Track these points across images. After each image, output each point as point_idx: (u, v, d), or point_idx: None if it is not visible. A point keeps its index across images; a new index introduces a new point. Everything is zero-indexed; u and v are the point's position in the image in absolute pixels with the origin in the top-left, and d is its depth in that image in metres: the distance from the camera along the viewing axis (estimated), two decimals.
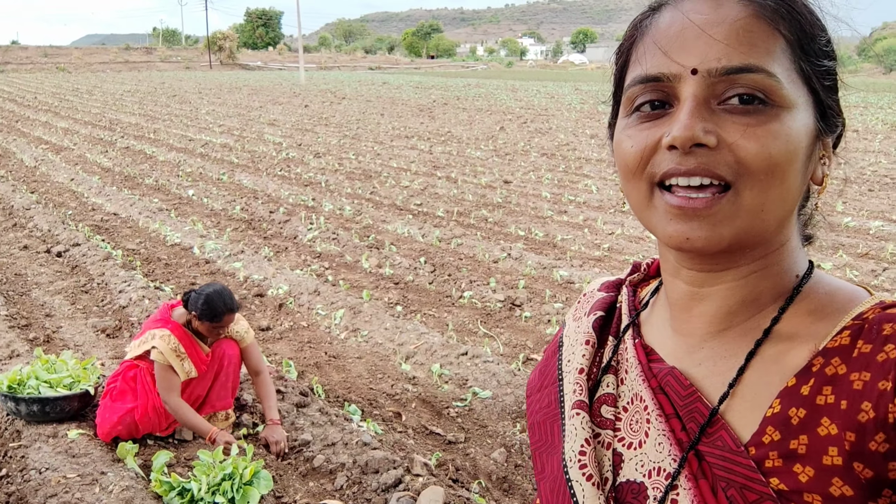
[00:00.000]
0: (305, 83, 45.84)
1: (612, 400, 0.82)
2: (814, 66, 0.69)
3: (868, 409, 0.61)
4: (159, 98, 30.28)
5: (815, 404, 0.65)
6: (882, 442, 0.60)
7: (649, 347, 0.83)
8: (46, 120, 20.38)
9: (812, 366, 0.67)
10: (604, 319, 0.91)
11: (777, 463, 0.65)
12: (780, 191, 0.68)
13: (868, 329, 0.66)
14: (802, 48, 0.68)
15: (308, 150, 14.82)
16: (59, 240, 7.68)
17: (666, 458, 0.73)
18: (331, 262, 7.09)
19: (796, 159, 0.68)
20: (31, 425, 3.77)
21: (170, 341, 3.68)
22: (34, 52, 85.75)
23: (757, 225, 0.68)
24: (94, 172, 11.94)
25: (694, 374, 0.76)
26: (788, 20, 0.68)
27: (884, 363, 0.62)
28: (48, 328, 5.38)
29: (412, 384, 4.60)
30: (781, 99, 0.66)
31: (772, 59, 0.66)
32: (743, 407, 0.71)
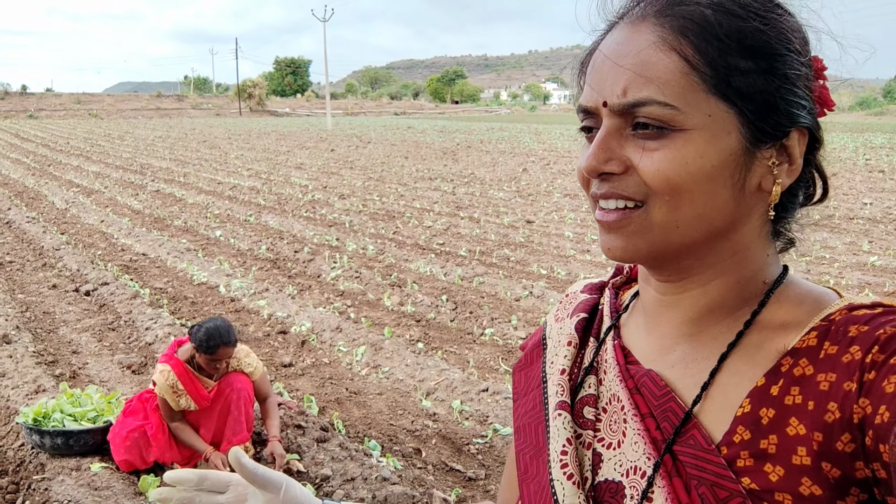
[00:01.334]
0: (332, 128, 46.62)
1: (593, 401, 0.83)
2: (732, 80, 0.68)
3: (834, 409, 0.62)
4: (190, 143, 30.96)
5: (784, 404, 0.66)
6: (848, 442, 0.61)
7: (627, 349, 0.84)
8: (78, 164, 20.90)
9: (781, 366, 0.68)
10: (586, 321, 0.92)
11: (748, 462, 0.66)
12: (692, 209, 0.70)
13: (834, 330, 0.67)
14: (714, 66, 0.68)
15: (333, 192, 15.02)
16: (88, 279, 7.83)
17: (642, 457, 0.74)
18: (353, 299, 7.13)
19: (704, 179, 0.69)
20: (55, 458, 3.81)
21: (168, 377, 3.80)
22: (67, 98, 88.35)
23: (675, 239, 0.72)
24: (125, 214, 12.18)
25: (668, 376, 0.77)
26: (696, 40, 0.69)
27: (849, 364, 0.63)
28: (74, 364, 5.46)
29: (433, 420, 4.58)
30: (682, 123, 0.68)
31: (669, 88, 0.68)
32: (714, 407, 0.72)
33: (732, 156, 0.70)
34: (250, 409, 4.00)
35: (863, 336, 0.64)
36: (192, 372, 3.86)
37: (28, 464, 3.84)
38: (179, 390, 3.80)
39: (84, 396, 4.11)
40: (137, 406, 3.94)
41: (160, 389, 3.79)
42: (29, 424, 3.80)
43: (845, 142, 31.11)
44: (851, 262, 8.50)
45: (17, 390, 4.67)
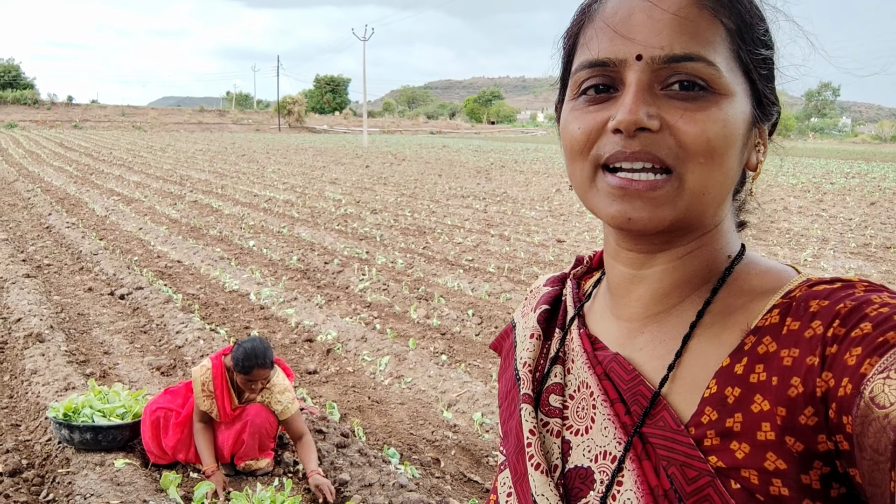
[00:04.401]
0: (368, 145, 47.08)
1: (559, 389, 0.84)
2: (752, 55, 0.71)
3: (797, 384, 0.63)
4: (229, 157, 31.50)
5: (749, 382, 0.67)
6: (811, 416, 0.62)
7: (594, 336, 0.84)
8: (120, 174, 21.39)
9: (744, 345, 0.69)
10: (549, 313, 0.92)
11: (715, 441, 0.67)
12: (720, 174, 0.70)
13: (796, 306, 0.67)
14: (742, 37, 0.70)
15: (365, 206, 15.15)
16: (123, 283, 7.99)
17: (611, 441, 0.74)
18: (380, 311, 7.18)
19: (734, 144, 0.70)
20: (81, 453, 3.88)
21: (204, 373, 3.82)
22: (112, 110, 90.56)
23: (698, 207, 0.71)
24: (162, 223, 12.43)
25: (636, 359, 0.78)
26: (730, 9, 0.70)
27: (811, 339, 0.64)
28: (105, 364, 5.57)
29: (453, 431, 4.58)
30: (721, 86, 0.69)
31: (712, 48, 0.68)
32: (683, 388, 0.72)
33: (747, 126, 0.73)
34: (268, 440, 3.96)
35: (824, 311, 0.65)
36: (228, 381, 3.89)
37: (54, 458, 3.93)
38: (209, 391, 3.84)
39: (112, 393, 4.19)
40: (180, 388, 4.01)
41: (193, 380, 3.85)
42: (59, 419, 3.88)
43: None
44: None
45: (48, 387, 4.78)
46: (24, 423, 4.46)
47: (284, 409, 3.89)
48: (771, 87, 0.75)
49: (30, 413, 4.57)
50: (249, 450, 3.86)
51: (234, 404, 3.90)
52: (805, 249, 10.86)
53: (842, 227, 13.46)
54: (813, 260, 10.19)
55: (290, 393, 3.96)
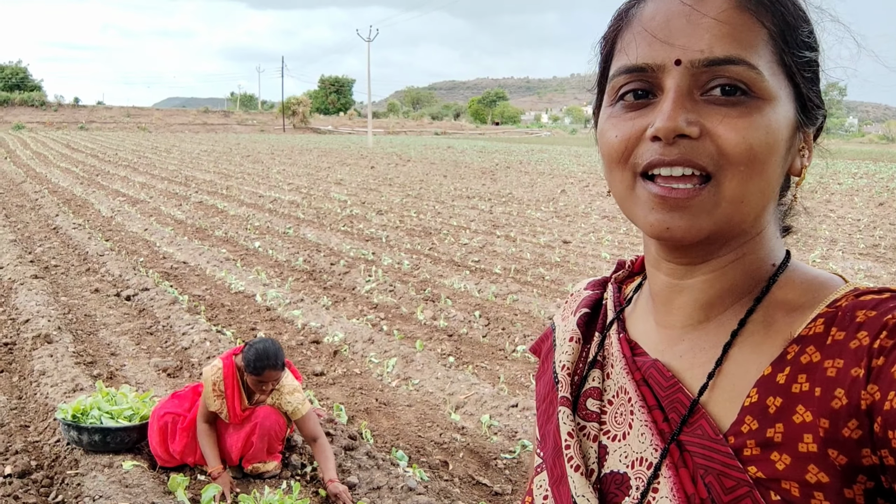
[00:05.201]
0: (373, 146, 47.11)
1: (597, 393, 0.83)
2: (795, 57, 0.69)
3: (841, 395, 0.61)
4: (234, 158, 31.55)
5: (791, 392, 0.65)
6: (855, 428, 0.60)
7: (634, 341, 0.83)
8: (125, 175, 21.44)
9: (787, 354, 0.67)
10: (589, 316, 0.91)
11: (755, 451, 0.66)
12: (760, 182, 0.68)
13: (841, 316, 0.66)
14: (785, 40, 0.69)
15: (371, 207, 15.15)
16: (129, 284, 8.00)
17: (648, 448, 0.73)
18: (386, 312, 7.17)
19: (776, 151, 0.68)
20: (89, 454, 3.88)
21: (216, 373, 3.81)
22: (118, 112, 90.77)
23: (736, 216, 0.69)
24: (167, 224, 12.44)
25: (675, 366, 0.77)
26: (772, 11, 0.68)
27: (857, 350, 0.62)
28: (112, 366, 5.57)
29: (461, 434, 4.57)
30: (763, 91, 0.67)
31: (754, 52, 0.67)
32: (722, 397, 0.71)
33: (791, 132, 0.71)
34: (276, 443, 3.92)
35: (871, 321, 0.63)
36: (239, 382, 3.87)
37: (63, 459, 3.93)
38: (220, 391, 3.82)
39: (119, 395, 4.19)
40: (187, 392, 4.00)
41: (204, 380, 3.83)
42: (68, 421, 3.89)
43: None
44: None
45: (56, 388, 4.79)
46: (33, 424, 4.46)
47: (296, 410, 3.85)
48: (816, 90, 0.73)
49: (38, 414, 4.57)
50: (258, 452, 3.84)
51: (245, 405, 3.88)
52: (813, 251, 10.82)
53: (850, 227, 13.41)
54: (821, 261, 10.15)
55: (300, 394, 3.93)
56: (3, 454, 4.02)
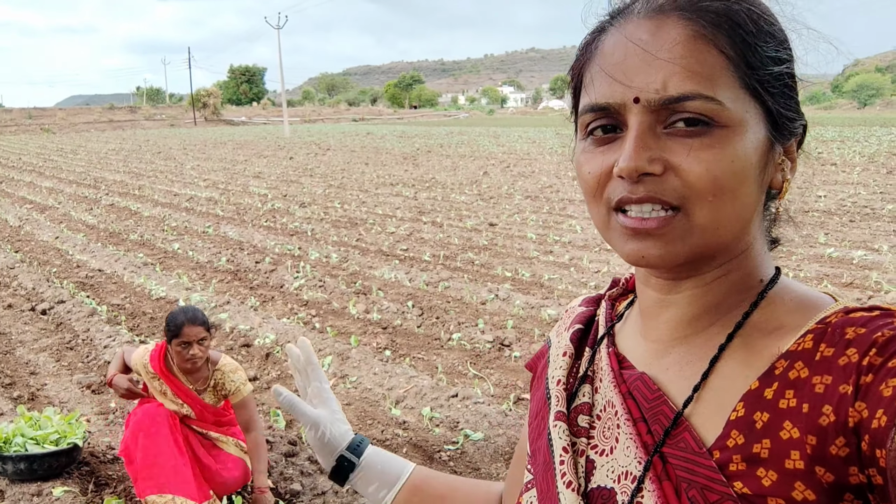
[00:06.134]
0: (290, 136, 46.24)
1: (587, 409, 0.83)
2: (760, 76, 0.69)
3: (829, 412, 0.61)
4: (144, 155, 30.40)
5: (778, 408, 0.65)
6: (842, 446, 0.60)
7: (622, 355, 0.84)
8: (31, 180, 20.37)
9: (775, 368, 0.68)
10: (583, 332, 0.92)
11: (741, 466, 0.65)
12: (733, 208, 0.69)
13: (831, 333, 0.66)
14: (747, 62, 0.68)
15: (293, 200, 14.88)
16: (44, 297, 7.62)
17: (633, 461, 0.73)
18: (318, 309, 7.06)
19: (746, 177, 0.69)
20: (16, 484, 3.68)
21: (144, 355, 3.59)
22: (18, 114, 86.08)
23: (712, 240, 0.70)
24: (79, 230, 11.90)
25: (662, 379, 0.77)
26: (730, 34, 0.68)
27: (845, 367, 0.62)
28: (32, 385, 5.30)
29: (403, 429, 4.54)
30: (726, 119, 0.67)
31: (712, 83, 0.66)
32: (708, 410, 0.71)
33: (762, 153, 0.70)
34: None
35: (860, 338, 0.63)
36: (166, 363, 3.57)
37: None
38: (150, 372, 3.55)
39: (44, 419, 3.98)
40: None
41: (134, 365, 3.60)
42: None
43: None
44: (809, 255, 8.69)
45: None
46: None
47: (238, 390, 3.63)
48: (789, 103, 0.72)
49: None
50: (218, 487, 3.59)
51: (189, 386, 3.59)
52: None
53: None
54: None
55: (242, 374, 3.70)
56: None
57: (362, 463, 1.09)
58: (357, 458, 1.09)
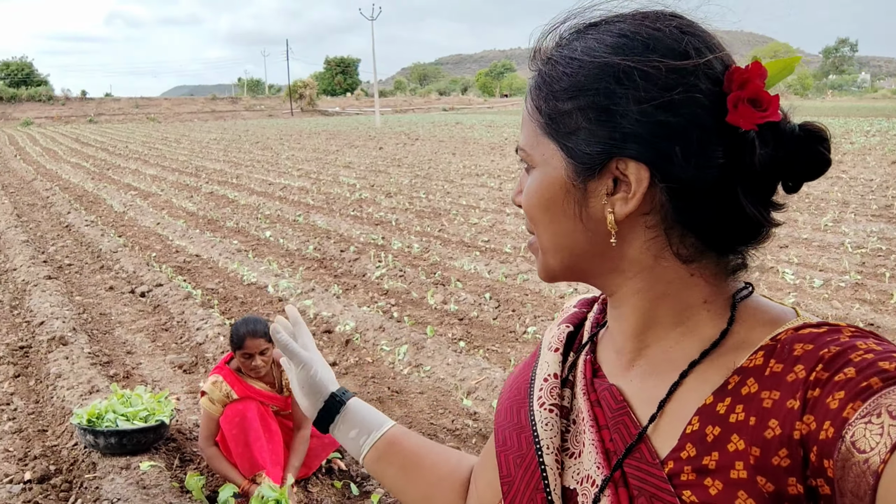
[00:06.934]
0: (380, 126, 46.96)
1: (565, 412, 0.88)
2: (556, 119, 0.77)
3: (775, 426, 0.64)
4: (243, 145, 31.57)
5: (728, 422, 0.69)
6: (784, 457, 0.63)
7: (597, 364, 0.88)
8: (136, 167, 21.51)
9: (728, 384, 0.71)
10: (570, 334, 0.96)
11: (691, 477, 0.69)
12: (547, 235, 0.80)
13: (780, 349, 0.69)
14: (541, 111, 0.79)
15: (380, 190, 15.15)
16: (143, 280, 8.07)
17: (593, 466, 0.79)
18: (397, 298, 7.20)
19: (541, 209, 0.80)
20: (107, 457, 3.94)
21: (221, 387, 3.66)
22: (126, 103, 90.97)
23: (553, 262, 0.82)
24: (179, 216, 12.51)
25: (627, 391, 0.82)
26: (535, 90, 0.80)
27: (793, 383, 0.65)
28: (128, 365, 5.64)
29: (473, 419, 4.60)
30: (532, 163, 0.81)
31: (524, 134, 0.82)
32: (664, 422, 0.76)
33: (562, 189, 0.77)
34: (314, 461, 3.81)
35: (807, 355, 0.66)
36: (244, 379, 3.74)
37: (81, 463, 3.99)
38: (234, 397, 3.69)
39: (134, 396, 4.24)
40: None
41: (210, 400, 3.66)
42: (83, 425, 3.94)
43: None
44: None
45: (72, 391, 4.85)
46: (51, 429, 4.54)
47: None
48: (581, 138, 0.75)
49: (56, 418, 4.65)
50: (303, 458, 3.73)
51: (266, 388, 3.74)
52: (825, 214, 10.72)
53: (863, 188, 13.26)
54: (833, 224, 10.06)
55: None
56: (23, 460, 4.10)
57: (348, 406, 1.16)
58: (344, 401, 1.16)
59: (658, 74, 0.70)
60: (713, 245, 0.76)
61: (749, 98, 0.69)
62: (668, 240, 0.76)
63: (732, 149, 0.70)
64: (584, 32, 0.77)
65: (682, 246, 0.76)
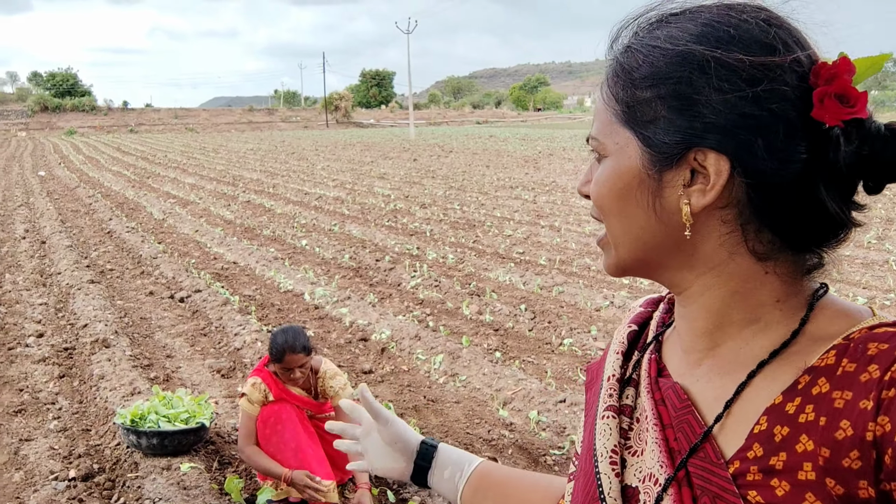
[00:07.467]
0: (415, 138, 47.23)
1: (628, 411, 0.87)
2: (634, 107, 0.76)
3: (846, 427, 0.63)
4: (279, 155, 31.97)
5: (798, 422, 0.67)
6: (856, 459, 0.62)
7: (662, 363, 0.88)
8: (175, 176, 21.91)
9: (798, 383, 0.69)
10: (637, 334, 0.96)
11: (757, 477, 0.68)
12: (620, 226, 0.79)
13: (853, 349, 0.67)
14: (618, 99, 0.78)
15: (414, 201, 15.22)
16: (182, 286, 8.20)
17: (656, 465, 0.78)
18: (432, 308, 7.21)
19: (613, 199, 0.79)
20: (148, 457, 4.01)
21: (259, 388, 3.68)
22: (165, 113, 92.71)
23: (625, 255, 0.81)
24: (217, 224, 12.70)
25: (692, 390, 0.81)
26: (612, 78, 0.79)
27: (866, 383, 0.63)
28: (168, 367, 5.73)
29: (509, 430, 4.58)
30: (604, 152, 0.80)
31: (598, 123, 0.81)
32: (730, 422, 0.74)
33: (636, 178, 0.77)
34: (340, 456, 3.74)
35: (882, 354, 0.64)
36: (282, 383, 3.79)
37: (123, 462, 4.06)
38: (271, 399, 3.73)
39: (176, 399, 4.30)
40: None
41: (248, 401, 3.68)
42: (126, 425, 4.02)
43: None
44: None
45: (115, 392, 4.95)
46: (94, 428, 4.63)
47: (337, 394, 3.75)
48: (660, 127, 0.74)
49: (99, 418, 4.74)
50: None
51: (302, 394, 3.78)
52: (868, 231, 10.52)
53: None
54: (877, 242, 9.87)
55: (343, 378, 3.84)
56: (68, 458, 4.18)
57: (440, 449, 1.20)
58: (436, 444, 1.20)
59: (743, 66, 0.69)
60: (790, 243, 0.74)
61: (836, 93, 0.68)
62: (744, 235, 0.74)
63: (815, 144, 0.69)
64: (665, 22, 0.76)
65: (758, 242, 0.74)
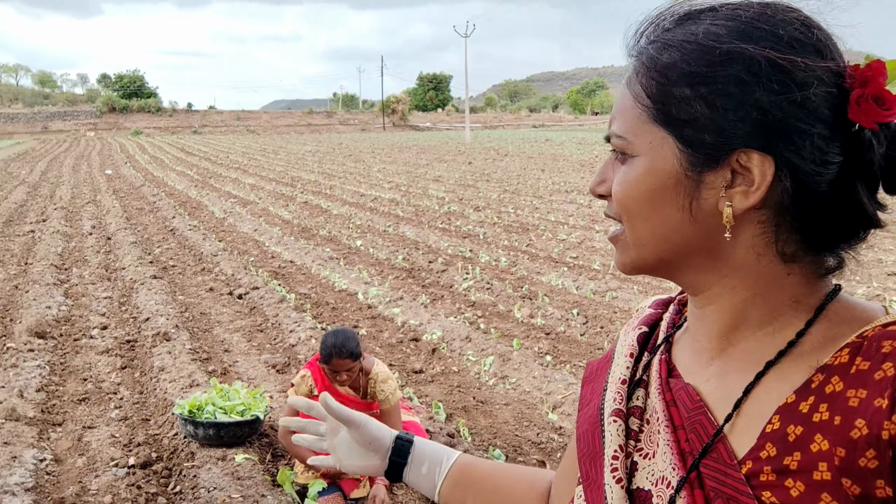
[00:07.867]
0: (470, 142, 47.31)
1: (638, 412, 0.86)
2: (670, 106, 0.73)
3: (861, 426, 0.62)
4: (336, 157, 32.44)
5: (812, 422, 0.66)
6: (872, 458, 0.61)
7: (672, 364, 0.87)
8: (236, 177, 22.44)
9: (811, 382, 0.69)
10: (647, 335, 0.95)
11: (771, 477, 0.67)
12: (648, 227, 0.77)
13: (867, 346, 0.66)
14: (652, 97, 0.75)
15: (469, 204, 15.26)
16: (241, 283, 8.40)
17: (668, 467, 0.77)
18: (484, 310, 7.23)
19: (644, 200, 0.76)
20: (204, 448, 4.13)
21: (307, 380, 3.75)
22: (228, 115, 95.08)
23: (647, 255, 0.79)
24: (276, 224, 12.96)
25: (703, 390, 0.80)
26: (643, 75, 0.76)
27: (881, 381, 0.63)
28: (225, 362, 5.89)
29: (558, 434, 4.57)
30: (631, 151, 0.77)
31: (623, 121, 0.78)
32: (742, 421, 0.73)
33: (672, 179, 0.75)
34: None
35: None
36: (329, 380, 3.83)
37: (180, 451, 4.19)
38: (315, 395, 3.87)
39: (232, 391, 4.42)
40: None
41: (295, 391, 3.77)
42: (184, 416, 4.14)
43: None
44: None
45: (174, 384, 5.11)
46: (154, 418, 4.79)
47: (387, 398, 3.78)
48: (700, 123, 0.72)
49: (158, 408, 4.90)
50: None
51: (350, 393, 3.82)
52: None
53: None
54: None
55: (393, 382, 3.87)
56: (128, 446, 4.34)
57: (416, 443, 1.17)
58: (411, 440, 1.17)
59: (797, 68, 0.69)
60: (815, 244, 0.74)
61: (872, 96, 0.68)
62: (776, 237, 0.74)
63: (846, 146, 0.70)
64: (693, 18, 0.74)
65: (788, 244, 0.74)
